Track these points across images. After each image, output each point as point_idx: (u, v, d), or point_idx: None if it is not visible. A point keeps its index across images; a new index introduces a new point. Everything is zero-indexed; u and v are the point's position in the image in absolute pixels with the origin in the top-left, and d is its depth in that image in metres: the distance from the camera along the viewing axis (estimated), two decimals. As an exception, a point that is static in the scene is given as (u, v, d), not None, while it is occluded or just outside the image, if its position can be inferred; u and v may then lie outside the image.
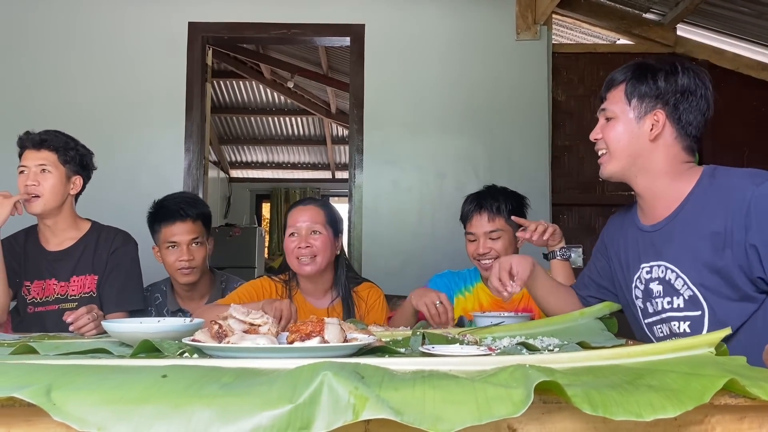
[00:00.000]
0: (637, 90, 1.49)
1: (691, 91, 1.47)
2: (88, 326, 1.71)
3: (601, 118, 1.55)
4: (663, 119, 1.47)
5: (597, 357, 1.07)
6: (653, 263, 1.50)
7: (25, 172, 2.08)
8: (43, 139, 2.09)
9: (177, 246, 2.26)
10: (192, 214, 2.28)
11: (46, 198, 2.06)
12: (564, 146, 4.15)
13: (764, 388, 0.84)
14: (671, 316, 1.46)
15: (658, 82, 1.47)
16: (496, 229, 2.10)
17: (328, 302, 2.11)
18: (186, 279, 2.29)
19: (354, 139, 3.79)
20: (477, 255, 2.12)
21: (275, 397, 0.76)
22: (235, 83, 7.84)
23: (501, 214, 2.10)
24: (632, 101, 1.49)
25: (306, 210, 2.06)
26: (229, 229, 7.73)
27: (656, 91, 1.47)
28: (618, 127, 1.50)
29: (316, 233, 2.03)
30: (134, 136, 3.74)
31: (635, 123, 1.49)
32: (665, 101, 1.47)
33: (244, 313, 1.24)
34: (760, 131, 4.01)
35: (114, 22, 3.79)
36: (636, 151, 1.49)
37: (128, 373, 0.88)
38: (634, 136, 1.49)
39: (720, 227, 1.38)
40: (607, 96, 1.55)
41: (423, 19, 3.83)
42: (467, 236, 2.17)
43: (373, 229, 3.76)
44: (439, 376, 0.87)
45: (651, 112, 1.47)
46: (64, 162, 2.10)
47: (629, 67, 1.53)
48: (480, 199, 2.14)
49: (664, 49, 4.09)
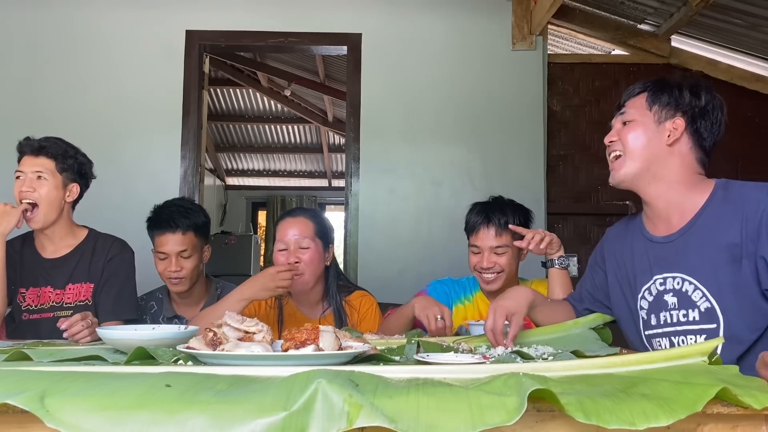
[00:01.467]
0: (659, 98, 1.51)
1: (710, 110, 1.50)
2: (82, 333, 1.70)
3: (617, 123, 1.56)
4: (682, 127, 1.49)
5: (591, 365, 1.07)
6: (668, 274, 1.49)
7: (21, 177, 2.07)
8: (42, 146, 2.09)
9: (167, 256, 2.26)
10: (182, 226, 2.26)
11: (44, 209, 2.05)
12: (559, 155, 4.17)
13: (756, 397, 0.85)
14: (686, 330, 1.45)
15: (683, 93, 1.50)
16: (502, 245, 2.07)
17: (320, 313, 2.11)
18: (175, 288, 2.30)
19: (350, 148, 3.80)
20: (480, 268, 2.09)
21: (269, 405, 0.76)
22: (233, 91, 7.85)
23: (508, 230, 2.05)
24: (653, 107, 1.51)
25: (295, 222, 2.04)
26: (224, 236, 7.72)
27: (677, 102, 1.50)
28: (637, 128, 1.52)
29: (305, 248, 2.00)
30: (131, 143, 3.74)
31: (654, 126, 1.50)
32: (684, 111, 1.49)
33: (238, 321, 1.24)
34: (753, 142, 4.03)
35: (111, 29, 3.80)
36: (653, 154, 1.50)
37: (122, 380, 0.88)
38: (652, 138, 1.50)
39: (736, 238, 1.39)
40: (626, 103, 1.56)
41: (420, 28, 3.85)
42: (471, 248, 2.12)
43: (369, 238, 3.76)
44: (434, 384, 0.87)
45: (671, 119, 1.50)
46: (61, 170, 2.10)
47: (651, 80, 1.56)
48: (488, 211, 2.10)
49: (659, 60, 4.12)
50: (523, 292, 1.61)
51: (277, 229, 2.07)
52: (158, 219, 2.29)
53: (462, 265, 2.28)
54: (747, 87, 4.06)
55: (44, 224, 2.08)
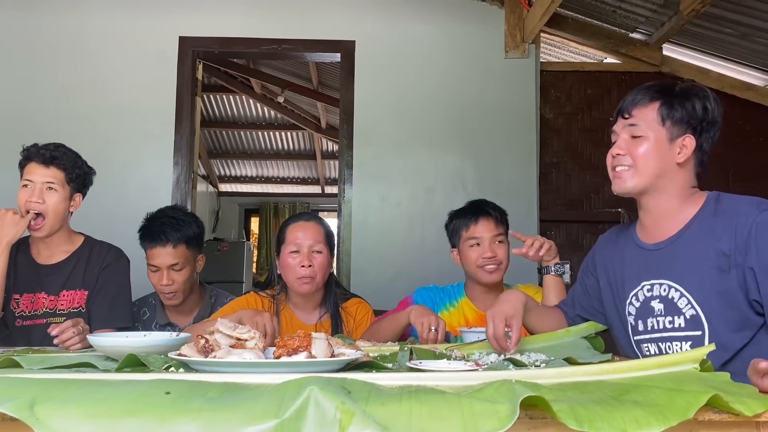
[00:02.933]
0: (672, 113, 1.49)
1: (715, 121, 1.50)
2: (72, 340, 1.69)
3: (625, 134, 1.53)
4: (692, 146, 1.49)
5: (583, 373, 1.07)
6: (655, 281, 1.51)
7: (29, 186, 2.04)
8: (53, 156, 2.05)
9: (158, 269, 2.24)
10: (173, 239, 2.22)
11: (51, 220, 2.04)
12: (552, 163, 4.18)
13: (747, 404, 0.85)
14: (672, 336, 1.47)
15: (696, 108, 1.49)
16: (501, 233, 2.13)
17: (317, 318, 2.10)
18: (169, 302, 2.29)
19: (344, 154, 3.80)
20: (483, 259, 2.09)
21: (261, 412, 0.76)
22: (226, 97, 7.84)
23: (503, 222, 2.15)
24: (666, 122, 1.49)
25: (309, 227, 2.04)
26: (217, 243, 7.69)
27: (690, 117, 1.49)
28: (650, 146, 1.49)
29: (318, 252, 2.02)
30: (123, 148, 3.72)
31: (667, 145, 1.49)
32: (694, 128, 1.49)
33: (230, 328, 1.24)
34: (744, 150, 4.06)
35: (104, 35, 3.79)
36: (662, 171, 1.49)
37: (113, 387, 0.88)
38: (664, 157, 1.49)
39: (726, 249, 1.41)
40: (633, 113, 1.52)
41: (413, 36, 3.86)
42: (468, 242, 2.12)
43: (362, 244, 3.76)
44: (426, 392, 0.87)
45: (682, 136, 1.49)
46: (69, 181, 2.08)
47: (657, 87, 1.53)
48: (481, 206, 2.17)
49: (651, 68, 4.14)
50: (516, 295, 1.62)
51: (287, 231, 2.06)
52: (149, 231, 2.25)
53: (455, 272, 2.28)
54: (738, 96, 4.09)
55: (49, 234, 2.06)
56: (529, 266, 2.18)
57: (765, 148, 4.11)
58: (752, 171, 4.03)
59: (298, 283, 2.01)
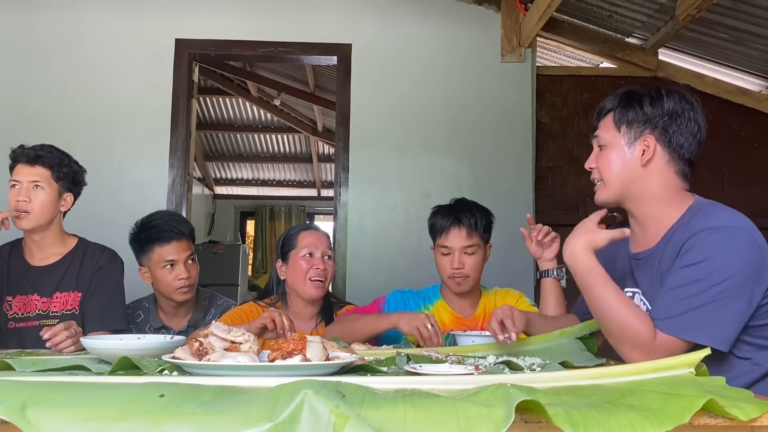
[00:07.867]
0: (625, 117, 1.48)
1: (678, 114, 1.46)
2: (65, 343, 1.68)
3: (595, 147, 1.55)
4: (653, 144, 1.46)
5: (578, 377, 1.07)
6: (632, 290, 1.53)
7: (17, 187, 2.05)
8: (38, 155, 2.07)
9: (175, 264, 2.23)
10: (185, 232, 2.28)
11: (36, 215, 2.04)
12: (548, 167, 4.19)
13: (742, 409, 0.85)
14: None
15: (645, 108, 1.47)
16: (472, 245, 2.08)
17: (313, 326, 2.12)
18: (184, 297, 2.27)
19: (340, 158, 3.80)
20: (451, 269, 2.07)
21: (255, 416, 0.76)
22: (222, 100, 7.83)
23: (477, 230, 2.09)
24: (621, 128, 1.49)
25: (321, 235, 2.18)
26: (212, 246, 7.66)
27: (644, 117, 1.47)
28: (610, 154, 1.50)
29: (330, 259, 2.14)
30: (118, 150, 3.71)
31: (626, 149, 1.48)
32: (654, 125, 1.46)
33: (225, 331, 1.23)
34: (739, 155, 4.07)
35: (101, 37, 3.78)
36: (628, 177, 1.48)
37: (106, 391, 0.87)
38: (625, 162, 1.48)
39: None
40: (598, 125, 1.54)
41: (409, 40, 3.87)
42: (440, 249, 2.11)
43: (358, 247, 3.75)
44: (421, 395, 0.86)
45: (641, 137, 1.47)
46: (57, 179, 2.09)
47: (616, 96, 1.53)
48: (457, 212, 2.11)
49: (646, 73, 4.16)
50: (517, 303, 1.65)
51: (299, 237, 2.14)
52: (158, 230, 2.25)
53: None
54: (733, 101, 4.11)
55: (33, 226, 2.06)
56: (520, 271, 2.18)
57: (760, 153, 4.12)
58: (747, 176, 4.04)
59: (311, 285, 2.07)
